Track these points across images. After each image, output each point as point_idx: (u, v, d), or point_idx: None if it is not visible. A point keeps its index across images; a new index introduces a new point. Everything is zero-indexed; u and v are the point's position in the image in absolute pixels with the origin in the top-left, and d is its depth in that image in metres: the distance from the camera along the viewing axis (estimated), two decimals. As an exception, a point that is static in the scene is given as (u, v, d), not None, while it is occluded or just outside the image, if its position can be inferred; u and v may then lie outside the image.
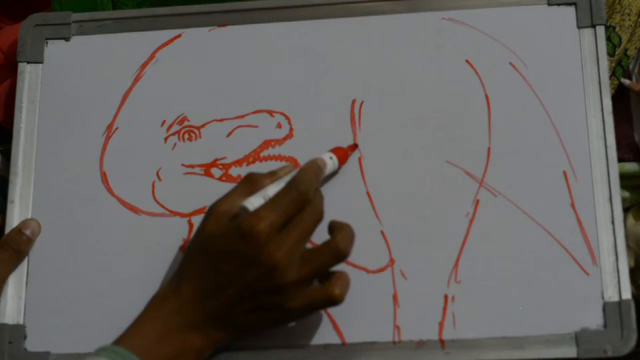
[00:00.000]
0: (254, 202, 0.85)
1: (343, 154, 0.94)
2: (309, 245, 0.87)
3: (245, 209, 0.85)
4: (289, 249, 0.84)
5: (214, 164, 0.97)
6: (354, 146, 0.95)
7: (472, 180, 0.94)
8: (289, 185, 0.86)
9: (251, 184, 0.89)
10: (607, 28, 1.00)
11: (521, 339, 0.89)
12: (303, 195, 0.85)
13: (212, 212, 0.87)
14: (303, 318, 0.88)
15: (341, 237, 0.86)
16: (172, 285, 0.87)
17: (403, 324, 0.91)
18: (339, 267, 0.88)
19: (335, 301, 0.86)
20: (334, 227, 0.88)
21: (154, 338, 0.85)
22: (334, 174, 0.94)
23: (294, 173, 0.89)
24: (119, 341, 0.85)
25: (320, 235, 0.88)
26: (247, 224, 0.83)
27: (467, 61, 0.97)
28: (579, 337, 0.89)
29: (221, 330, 0.86)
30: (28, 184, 0.98)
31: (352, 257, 0.92)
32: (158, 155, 0.98)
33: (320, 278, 0.87)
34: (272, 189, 0.87)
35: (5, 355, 0.93)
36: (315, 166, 0.89)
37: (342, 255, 0.86)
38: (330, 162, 0.93)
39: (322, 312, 0.91)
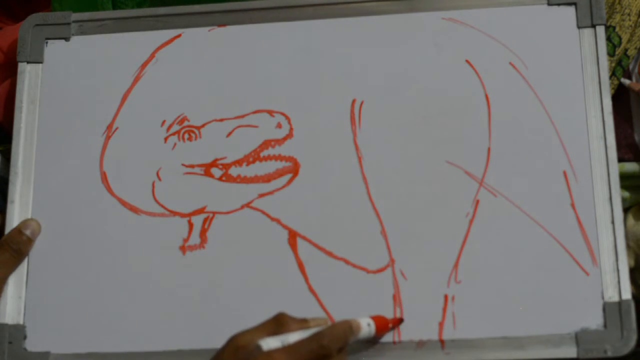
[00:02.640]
0: (270, 343, 0.82)
1: (383, 324, 0.90)
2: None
3: (259, 348, 0.82)
4: None
5: (214, 164, 0.97)
6: (399, 320, 0.91)
7: (472, 180, 0.94)
8: (313, 335, 0.83)
9: (278, 325, 0.85)
10: (607, 28, 1.00)
11: (521, 339, 0.89)
12: (324, 349, 0.82)
13: (230, 343, 0.83)
14: None
15: None
16: None
17: (403, 324, 0.91)
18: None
19: None
20: None
21: None
22: (368, 340, 0.90)
23: (324, 327, 0.85)
24: None
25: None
26: None
27: (467, 61, 0.97)
28: (579, 337, 0.89)
29: None
30: (28, 184, 0.98)
31: (352, 257, 0.93)
32: (158, 155, 0.98)
33: None
34: (294, 336, 0.83)
35: (5, 355, 0.93)
36: (347, 326, 0.85)
37: None
38: (367, 328, 0.88)
39: (322, 311, 0.91)
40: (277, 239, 0.95)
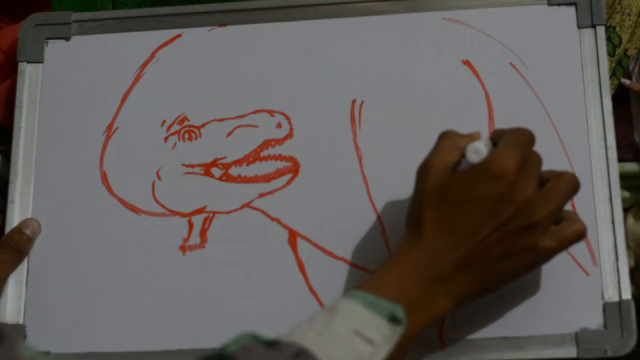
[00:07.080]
0: (479, 146, 0.85)
1: None
2: None
3: (478, 151, 0.84)
4: (534, 184, 0.83)
5: (214, 163, 0.98)
6: None
7: (472, 180, 0.94)
8: (512, 129, 0.86)
9: (451, 139, 0.87)
10: (607, 28, 1.00)
11: (521, 339, 0.89)
12: (530, 132, 0.85)
13: (429, 167, 0.85)
14: (549, 260, 0.85)
15: (567, 173, 0.86)
16: (412, 239, 0.84)
17: (403, 324, 0.91)
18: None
19: (584, 233, 0.85)
20: (552, 175, 0.87)
21: (398, 283, 0.82)
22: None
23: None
24: (360, 287, 0.82)
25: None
26: (497, 163, 0.83)
27: (467, 61, 0.97)
28: (579, 337, 0.89)
29: (467, 283, 0.83)
30: (28, 184, 0.98)
31: (352, 257, 0.93)
32: (158, 155, 0.98)
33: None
34: (481, 144, 0.85)
35: (5, 355, 0.93)
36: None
37: (577, 185, 0.85)
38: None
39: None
40: (277, 239, 0.95)
